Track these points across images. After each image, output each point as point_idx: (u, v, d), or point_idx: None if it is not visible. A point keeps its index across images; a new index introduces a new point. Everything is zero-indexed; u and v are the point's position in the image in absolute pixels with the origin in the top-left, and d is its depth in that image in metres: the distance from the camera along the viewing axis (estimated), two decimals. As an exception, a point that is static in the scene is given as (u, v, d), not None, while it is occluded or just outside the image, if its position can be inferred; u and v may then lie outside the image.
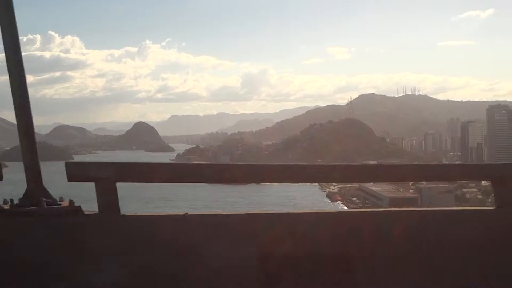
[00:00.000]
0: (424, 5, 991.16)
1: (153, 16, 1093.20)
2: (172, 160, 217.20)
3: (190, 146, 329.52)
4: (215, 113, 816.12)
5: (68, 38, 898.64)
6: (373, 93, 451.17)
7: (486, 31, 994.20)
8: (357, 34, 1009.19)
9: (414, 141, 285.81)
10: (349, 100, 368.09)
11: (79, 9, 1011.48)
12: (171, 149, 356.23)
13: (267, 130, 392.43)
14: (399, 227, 5.73)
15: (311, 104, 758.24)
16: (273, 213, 5.98)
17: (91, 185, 5.39)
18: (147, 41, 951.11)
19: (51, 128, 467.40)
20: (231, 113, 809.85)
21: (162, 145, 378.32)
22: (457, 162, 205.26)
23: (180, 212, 5.64)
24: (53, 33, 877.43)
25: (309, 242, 5.49)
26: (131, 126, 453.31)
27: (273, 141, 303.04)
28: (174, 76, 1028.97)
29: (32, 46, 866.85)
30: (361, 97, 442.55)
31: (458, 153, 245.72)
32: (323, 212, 5.97)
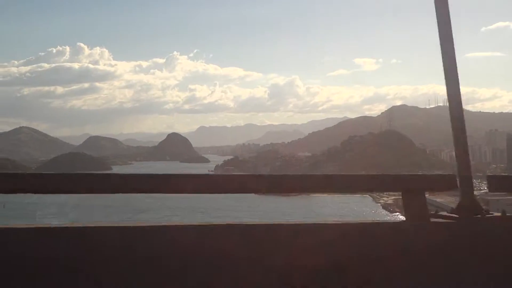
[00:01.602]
0: (452, 16, 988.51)
1: (181, 28, 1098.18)
2: (211, 171, 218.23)
3: (224, 157, 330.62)
4: (242, 124, 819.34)
5: (97, 49, 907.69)
6: (404, 104, 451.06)
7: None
8: (385, 45, 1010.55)
9: (453, 153, 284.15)
10: (389, 111, 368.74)
11: (108, 20, 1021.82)
12: (206, 160, 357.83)
13: (299, 141, 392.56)
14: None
15: (338, 115, 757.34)
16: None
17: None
18: (175, 52, 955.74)
19: (80, 138, 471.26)
20: (258, 124, 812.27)
21: (195, 156, 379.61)
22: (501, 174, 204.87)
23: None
24: (82, 45, 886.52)
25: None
26: (160, 137, 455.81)
27: (308, 153, 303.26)
28: (201, 87, 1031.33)
29: (61, 58, 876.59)
30: (393, 108, 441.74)
31: (501, 165, 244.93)
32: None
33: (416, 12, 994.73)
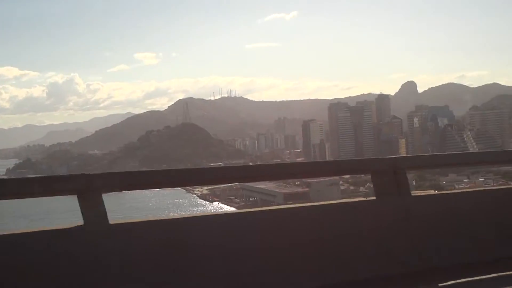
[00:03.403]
0: (229, 9, 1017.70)
1: None
2: (2, 175, 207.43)
3: (8, 160, 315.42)
4: (20, 125, 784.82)
5: None
6: (191, 97, 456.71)
7: (290, 33, 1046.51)
8: (164, 39, 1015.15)
9: (247, 142, 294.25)
10: (177, 104, 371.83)
11: None
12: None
13: (87, 139, 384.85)
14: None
15: (121, 111, 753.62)
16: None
17: None
18: None
19: None
20: (38, 124, 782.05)
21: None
22: (300, 160, 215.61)
23: None
24: None
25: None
26: None
27: (97, 151, 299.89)
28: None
29: None
30: (180, 101, 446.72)
31: (295, 150, 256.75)
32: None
33: (191, 6, 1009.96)
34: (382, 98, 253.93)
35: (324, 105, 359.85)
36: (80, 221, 6.34)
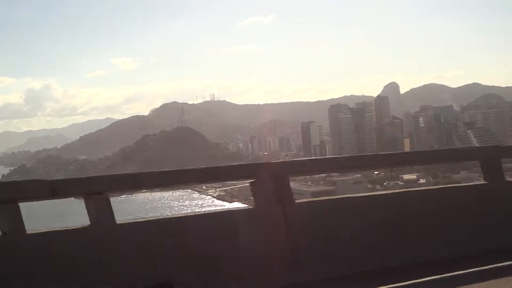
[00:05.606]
0: (207, 13, 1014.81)
1: None
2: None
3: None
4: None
5: None
6: (175, 101, 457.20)
7: (269, 36, 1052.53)
8: (141, 43, 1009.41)
9: (241, 144, 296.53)
10: (180, 109, 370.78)
11: None
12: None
13: (72, 144, 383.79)
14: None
15: (100, 116, 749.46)
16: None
17: None
18: None
19: None
20: (16, 131, 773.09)
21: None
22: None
23: None
24: None
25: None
26: None
27: (84, 156, 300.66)
28: None
29: None
30: (165, 106, 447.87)
31: (290, 152, 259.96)
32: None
33: (168, 11, 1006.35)
34: (381, 99, 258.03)
35: (308, 107, 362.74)
36: None
